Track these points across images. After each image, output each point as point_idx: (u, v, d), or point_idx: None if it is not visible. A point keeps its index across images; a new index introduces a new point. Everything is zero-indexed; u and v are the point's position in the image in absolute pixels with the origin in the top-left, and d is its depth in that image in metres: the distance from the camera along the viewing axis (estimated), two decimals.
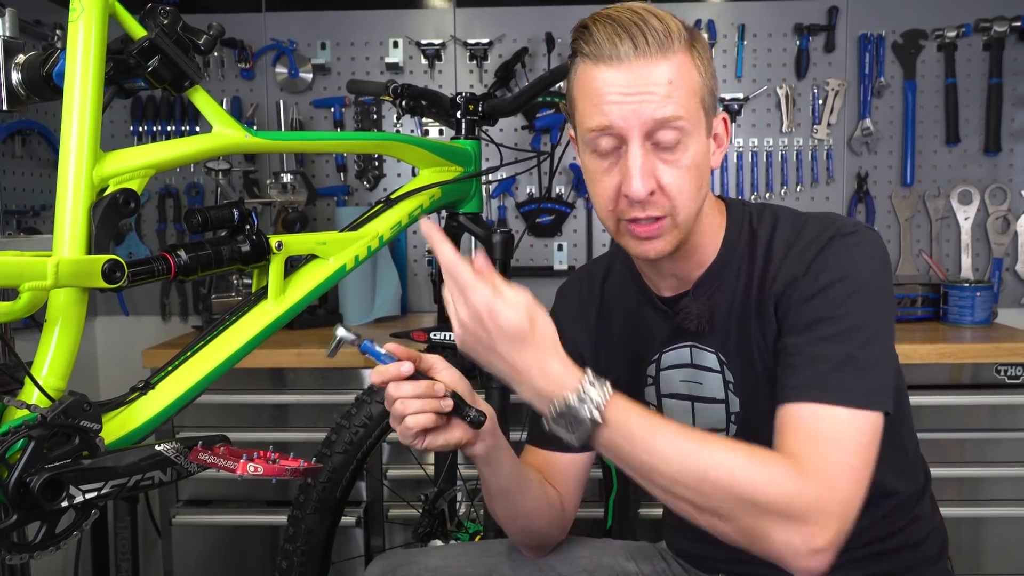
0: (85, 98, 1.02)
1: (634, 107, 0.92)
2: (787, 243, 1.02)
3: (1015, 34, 2.38)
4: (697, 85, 0.96)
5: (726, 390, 1.07)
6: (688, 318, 1.05)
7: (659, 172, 0.95)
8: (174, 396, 1.12)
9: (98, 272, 1.00)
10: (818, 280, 0.96)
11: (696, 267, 1.06)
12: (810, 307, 0.95)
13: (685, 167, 0.95)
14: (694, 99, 0.95)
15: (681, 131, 0.94)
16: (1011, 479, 1.99)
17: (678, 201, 0.96)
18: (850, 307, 0.94)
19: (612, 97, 0.93)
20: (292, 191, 2.33)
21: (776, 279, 1.00)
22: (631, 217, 0.97)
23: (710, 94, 0.98)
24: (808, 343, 0.94)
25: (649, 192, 0.94)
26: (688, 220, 0.98)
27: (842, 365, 0.91)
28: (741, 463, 0.85)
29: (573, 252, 2.54)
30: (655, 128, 0.93)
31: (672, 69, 0.93)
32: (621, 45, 0.92)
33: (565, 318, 1.21)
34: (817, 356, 0.92)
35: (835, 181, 2.48)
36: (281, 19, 2.51)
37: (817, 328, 0.94)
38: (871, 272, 0.96)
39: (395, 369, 0.94)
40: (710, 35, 2.44)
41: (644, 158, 0.94)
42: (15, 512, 0.94)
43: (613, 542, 1.29)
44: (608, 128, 0.94)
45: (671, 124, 0.93)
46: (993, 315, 2.23)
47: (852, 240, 0.98)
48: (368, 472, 1.99)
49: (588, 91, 0.96)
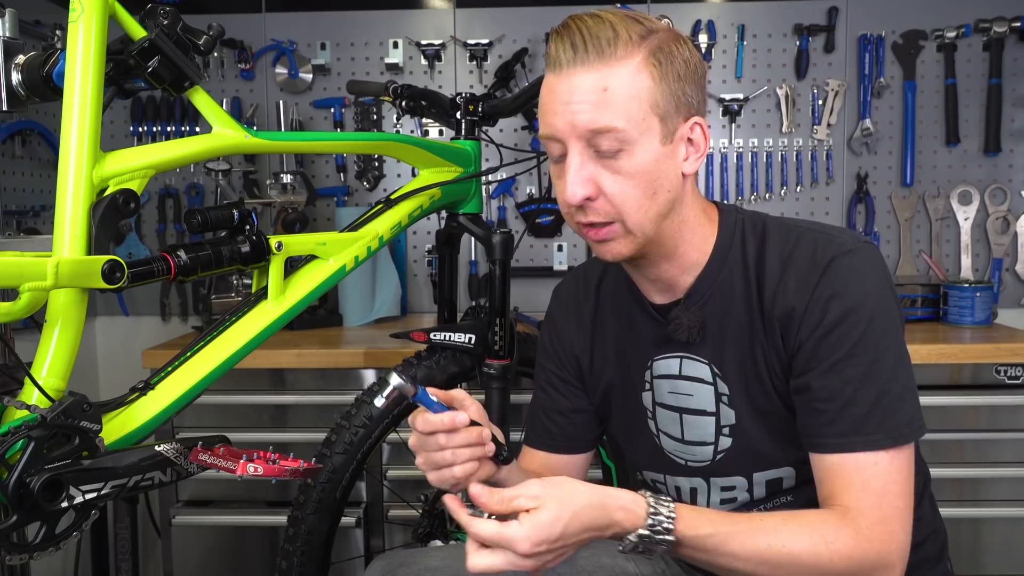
0: (85, 98, 1.02)
1: (568, 116, 0.93)
2: (782, 257, 1.00)
3: (1015, 34, 2.38)
4: (646, 92, 0.93)
5: (718, 402, 1.05)
6: (679, 329, 1.04)
7: (600, 178, 0.94)
8: (174, 397, 1.12)
9: (98, 272, 1.00)
10: (829, 312, 0.95)
11: (681, 273, 1.04)
12: (828, 345, 0.95)
13: (628, 174, 0.94)
14: (639, 106, 0.93)
15: (620, 140, 0.93)
16: (1011, 479, 1.98)
17: (623, 208, 0.95)
18: (868, 339, 0.94)
19: (553, 105, 0.95)
20: (292, 191, 2.33)
21: (776, 300, 0.98)
22: (579, 221, 0.98)
23: (669, 99, 0.95)
24: (838, 387, 0.94)
25: (585, 197, 0.94)
26: (642, 226, 0.97)
27: (876, 406, 0.93)
28: (807, 547, 0.89)
29: (573, 252, 2.54)
30: (590, 136, 0.93)
31: (609, 76, 0.92)
32: (564, 53, 0.93)
33: (561, 318, 1.21)
34: (850, 401, 0.93)
35: (835, 181, 2.48)
36: (281, 19, 2.51)
37: (842, 369, 0.94)
38: (878, 294, 0.96)
39: (450, 420, 0.93)
40: (710, 35, 2.44)
41: (582, 165, 0.94)
42: (15, 512, 0.94)
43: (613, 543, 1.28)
44: (551, 136, 0.96)
45: (605, 135, 0.92)
46: (993, 315, 2.23)
47: (854, 261, 0.97)
48: (368, 472, 1.99)
49: (541, 99, 0.98)
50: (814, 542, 0.89)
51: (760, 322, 1.00)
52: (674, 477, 1.12)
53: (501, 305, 1.54)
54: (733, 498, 1.08)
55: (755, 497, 1.07)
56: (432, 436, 0.94)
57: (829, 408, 0.94)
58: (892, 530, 0.91)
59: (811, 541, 0.89)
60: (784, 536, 0.90)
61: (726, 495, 1.08)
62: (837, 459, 0.94)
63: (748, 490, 1.07)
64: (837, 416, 0.94)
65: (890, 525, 0.91)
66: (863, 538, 0.90)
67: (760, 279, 1.01)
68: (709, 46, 2.45)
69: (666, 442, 1.10)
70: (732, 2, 2.46)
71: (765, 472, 1.05)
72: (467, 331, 1.54)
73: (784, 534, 0.90)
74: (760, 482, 1.06)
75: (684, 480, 1.11)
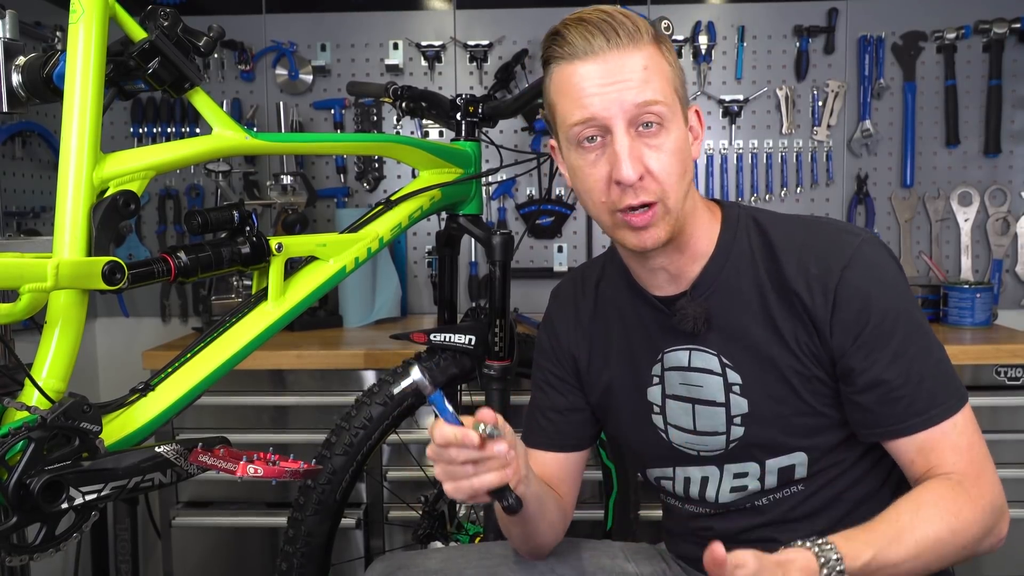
0: (85, 100, 1.03)
1: (615, 95, 0.96)
2: (795, 243, 1.02)
3: (1015, 35, 2.38)
4: (669, 75, 0.99)
5: (728, 392, 1.06)
6: (684, 320, 1.05)
7: (646, 157, 0.97)
8: (174, 398, 1.12)
9: (98, 274, 1.00)
10: (867, 303, 0.99)
11: (689, 262, 1.06)
12: (877, 334, 0.98)
13: (669, 151, 0.98)
14: (669, 86, 0.99)
15: (661, 116, 0.97)
16: (1011, 480, 1.98)
17: (667, 184, 0.98)
18: (910, 319, 1.00)
19: (592, 89, 0.96)
20: (292, 193, 2.34)
21: (797, 280, 1.01)
22: (625, 206, 0.98)
23: (681, 85, 1.02)
24: (905, 369, 0.99)
25: (639, 176, 0.96)
26: (678, 206, 1.00)
27: (937, 376, 1.00)
28: (945, 527, 0.93)
29: (573, 253, 2.54)
30: (637, 114, 0.96)
31: (645, 58, 0.97)
32: (594, 40, 0.96)
33: (558, 318, 1.22)
34: (919, 379, 0.99)
35: (835, 183, 2.48)
36: (281, 21, 2.51)
37: (904, 352, 0.99)
38: (898, 276, 1.02)
39: (464, 435, 0.90)
40: (710, 37, 2.44)
41: (631, 143, 0.96)
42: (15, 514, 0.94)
43: (613, 543, 1.29)
44: (591, 119, 0.97)
45: (651, 108, 0.96)
46: (993, 316, 2.23)
47: (872, 249, 1.01)
48: (368, 474, 1.99)
49: (567, 88, 0.99)
50: (947, 520, 0.93)
51: (778, 308, 1.02)
52: (684, 468, 1.12)
53: (501, 306, 1.54)
54: (744, 486, 1.08)
55: (766, 486, 1.07)
56: (447, 448, 0.91)
57: (905, 393, 0.98)
58: (989, 479, 0.98)
59: (944, 521, 0.93)
60: (924, 527, 0.93)
61: (737, 482, 1.08)
62: (925, 436, 0.98)
63: (760, 478, 1.07)
64: (915, 397, 0.98)
65: (986, 475, 0.98)
66: (976, 496, 0.95)
67: (774, 266, 1.03)
68: (709, 47, 2.45)
69: (675, 435, 1.11)
70: (732, 3, 2.46)
71: (778, 459, 1.06)
72: (467, 332, 1.54)
73: (922, 525, 0.93)
74: (772, 470, 1.06)
75: (696, 470, 1.11)
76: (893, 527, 0.93)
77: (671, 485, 1.15)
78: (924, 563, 0.93)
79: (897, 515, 0.94)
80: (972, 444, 0.99)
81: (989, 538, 0.98)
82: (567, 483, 1.19)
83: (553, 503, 1.13)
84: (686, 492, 1.13)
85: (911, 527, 0.92)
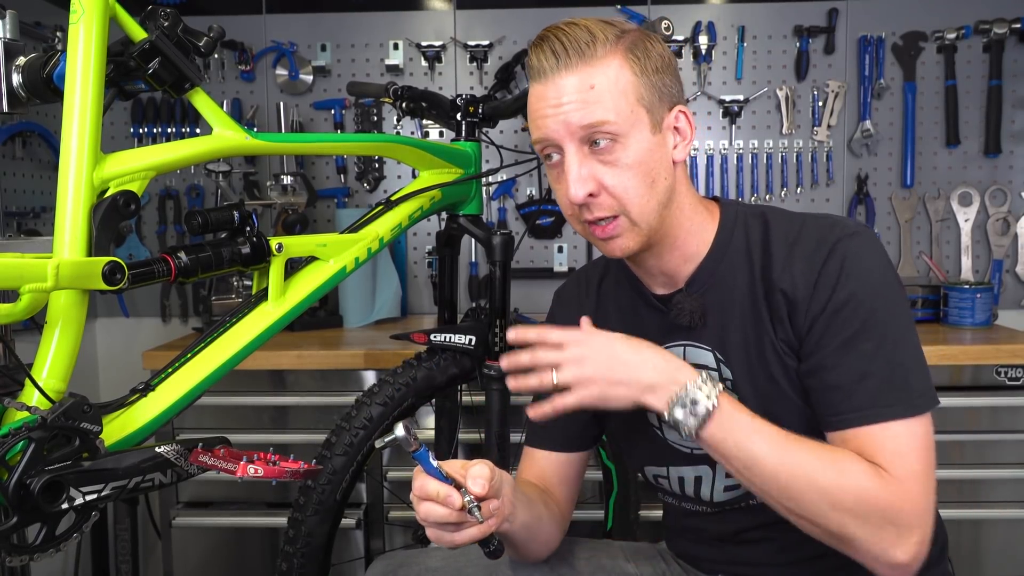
0: (86, 100, 1.03)
1: (561, 117, 0.97)
2: (788, 241, 1.02)
3: (1015, 36, 2.38)
4: (629, 87, 0.98)
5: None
6: (681, 314, 1.06)
7: (600, 174, 0.98)
8: (174, 398, 1.12)
9: (98, 274, 1.00)
10: (838, 291, 0.97)
11: (682, 263, 1.07)
12: (839, 323, 0.96)
13: (626, 165, 0.98)
14: (626, 99, 0.97)
15: (612, 133, 0.97)
16: (1012, 481, 1.98)
17: (625, 199, 0.99)
18: (878, 314, 0.96)
19: (544, 110, 0.99)
20: (292, 193, 2.34)
21: (782, 280, 1.01)
22: (585, 219, 1.01)
23: (652, 91, 0.99)
24: (852, 362, 0.96)
25: (588, 194, 0.98)
26: (646, 216, 1.00)
27: (889, 379, 0.94)
28: (826, 471, 0.91)
29: (573, 254, 2.54)
30: (585, 134, 0.97)
31: (594, 75, 0.97)
32: (546, 61, 0.98)
33: (562, 320, 1.22)
34: (864, 375, 0.95)
35: (835, 183, 2.48)
36: (281, 21, 2.51)
37: (855, 345, 0.96)
38: (883, 273, 0.99)
39: (446, 495, 0.88)
40: (710, 37, 2.44)
41: (580, 163, 0.98)
42: (15, 514, 0.94)
43: (613, 543, 1.29)
44: (544, 140, 1.00)
45: (598, 128, 0.96)
46: (993, 317, 2.23)
47: (859, 242, 0.99)
48: (368, 474, 1.99)
49: (530, 107, 1.02)
50: (835, 469, 0.91)
51: (765, 305, 1.02)
52: (678, 467, 1.12)
53: (501, 306, 1.55)
54: (737, 484, 1.08)
55: None
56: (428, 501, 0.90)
57: (845, 384, 0.96)
58: (908, 489, 0.91)
59: (833, 468, 0.91)
60: (812, 454, 0.92)
61: (730, 481, 1.08)
62: (854, 432, 0.95)
63: None
64: (853, 391, 0.95)
65: (906, 484, 0.91)
66: (877, 486, 0.90)
67: (766, 263, 1.03)
68: (709, 47, 2.45)
69: (670, 432, 1.11)
70: (732, 3, 2.46)
71: None
72: (467, 332, 1.54)
73: (811, 453, 0.92)
74: None
75: (689, 469, 1.11)
76: (779, 430, 0.93)
77: (667, 484, 1.15)
78: (775, 474, 0.91)
79: (792, 434, 0.94)
80: (902, 453, 0.92)
81: (867, 528, 0.90)
82: (567, 484, 1.20)
83: (545, 522, 1.12)
84: (682, 491, 1.14)
85: (802, 445, 0.92)
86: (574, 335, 0.97)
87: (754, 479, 0.93)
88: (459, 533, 0.91)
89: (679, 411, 0.93)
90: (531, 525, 1.07)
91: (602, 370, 0.95)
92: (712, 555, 1.16)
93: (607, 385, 0.95)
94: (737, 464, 0.94)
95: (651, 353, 0.96)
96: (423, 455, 0.90)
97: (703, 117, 2.48)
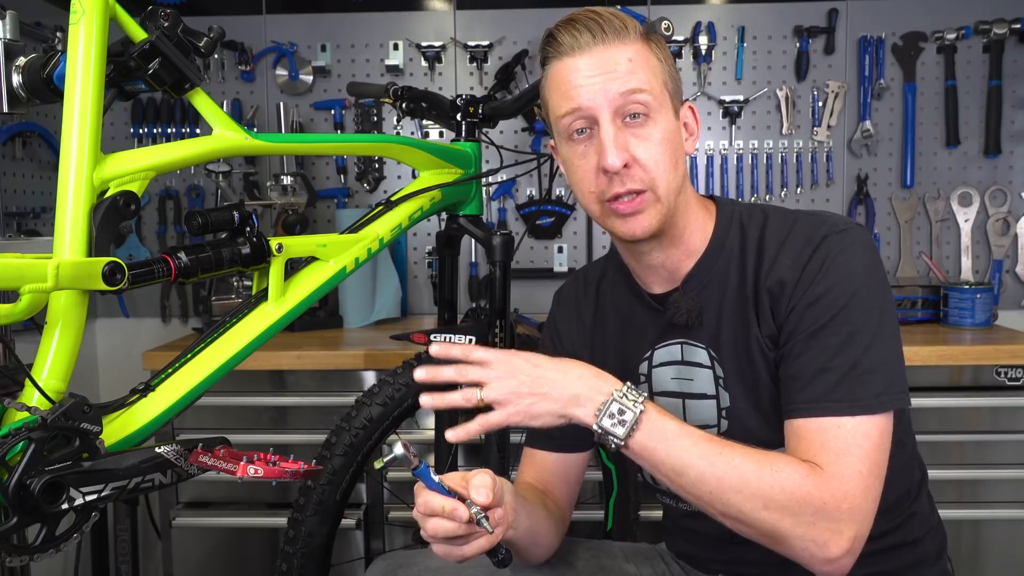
0: (86, 100, 1.02)
1: (600, 86, 0.99)
2: (779, 239, 1.03)
3: (1015, 36, 2.38)
4: (657, 69, 1.02)
5: (716, 385, 1.07)
6: (678, 312, 1.07)
7: (632, 147, 0.99)
8: (174, 398, 1.12)
9: (98, 274, 1.00)
10: (816, 284, 0.97)
11: (683, 257, 1.08)
12: (811, 314, 0.97)
13: (657, 141, 1.00)
14: (656, 79, 1.01)
15: (647, 105, 0.99)
16: (1012, 481, 1.98)
17: (655, 173, 1.00)
18: (850, 311, 0.96)
19: (579, 80, 1.00)
20: (292, 193, 2.34)
21: (770, 275, 1.01)
22: (612, 194, 1.00)
23: (672, 80, 1.04)
24: (814, 354, 0.96)
25: (624, 164, 0.98)
26: (669, 195, 1.01)
27: (847, 375, 0.94)
28: (754, 467, 0.91)
29: (573, 254, 2.54)
30: (622, 103, 0.98)
31: (631, 52, 1.00)
32: (581, 37, 1.00)
33: (562, 319, 1.23)
34: (823, 368, 0.95)
35: (835, 183, 2.48)
36: (281, 21, 2.51)
37: (821, 337, 0.96)
38: (865, 271, 0.98)
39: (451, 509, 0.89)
40: (710, 37, 2.44)
41: (616, 133, 0.98)
42: (15, 514, 0.94)
43: (613, 544, 1.29)
44: (578, 110, 1.00)
45: (636, 97, 0.98)
46: (993, 317, 2.23)
47: (846, 239, 1.00)
48: (368, 474, 1.99)
49: (557, 82, 1.02)
50: (767, 469, 0.90)
51: (753, 300, 1.03)
52: None
53: (501, 307, 1.54)
54: None
55: None
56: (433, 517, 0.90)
57: (803, 374, 0.96)
58: (847, 489, 0.90)
59: (765, 468, 0.90)
60: (743, 456, 0.91)
61: None
62: (803, 423, 0.95)
63: None
64: (810, 382, 0.95)
65: (845, 484, 0.90)
66: (812, 484, 0.89)
67: (758, 262, 1.04)
68: (709, 48, 2.45)
69: None
70: (732, 4, 2.46)
71: None
72: (467, 333, 1.54)
73: (743, 455, 0.92)
74: None
75: None
76: (707, 435, 0.93)
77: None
78: (705, 477, 0.90)
79: (720, 439, 0.94)
80: (847, 451, 0.91)
81: (800, 526, 0.89)
82: (566, 485, 1.20)
83: (546, 525, 1.12)
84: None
85: (720, 444, 0.92)
86: (498, 354, 0.97)
87: (685, 484, 0.92)
88: (468, 546, 0.91)
89: (606, 421, 0.92)
90: (533, 529, 1.07)
91: (527, 385, 0.94)
92: (711, 555, 1.16)
93: (533, 400, 0.94)
94: (667, 471, 0.93)
95: (576, 369, 0.96)
96: (424, 471, 0.89)
97: (703, 117, 2.48)
